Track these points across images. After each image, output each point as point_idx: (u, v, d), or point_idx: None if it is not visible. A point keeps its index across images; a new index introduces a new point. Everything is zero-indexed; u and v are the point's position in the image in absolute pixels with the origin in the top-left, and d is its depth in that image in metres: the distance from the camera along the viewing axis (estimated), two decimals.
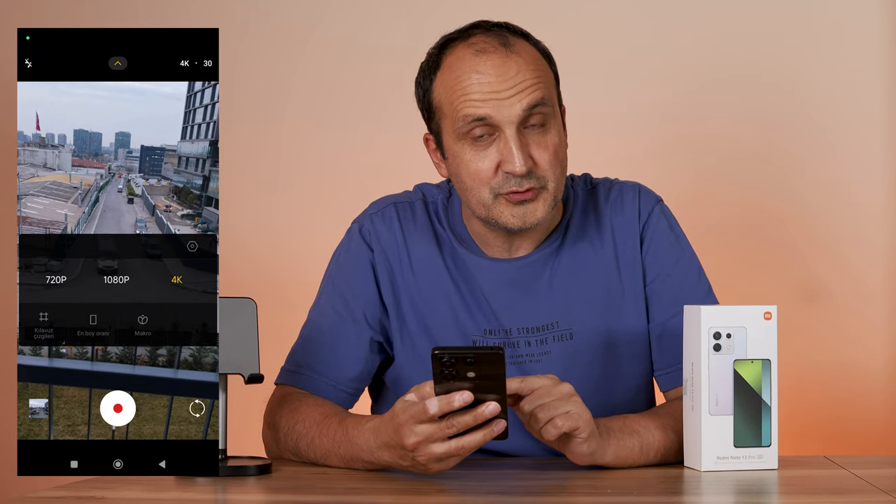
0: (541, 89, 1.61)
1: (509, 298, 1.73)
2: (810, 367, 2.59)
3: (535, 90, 1.61)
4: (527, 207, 1.64)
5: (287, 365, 1.74)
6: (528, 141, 1.62)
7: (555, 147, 1.63)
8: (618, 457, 1.54)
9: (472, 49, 1.62)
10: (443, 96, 1.65)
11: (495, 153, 1.62)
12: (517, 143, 1.60)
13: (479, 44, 1.63)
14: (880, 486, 1.42)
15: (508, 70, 1.60)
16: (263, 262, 2.65)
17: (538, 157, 1.62)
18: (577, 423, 1.49)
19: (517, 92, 1.60)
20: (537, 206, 1.64)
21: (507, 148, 1.61)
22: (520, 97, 1.60)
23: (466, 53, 1.63)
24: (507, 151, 1.61)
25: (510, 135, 1.60)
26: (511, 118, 1.60)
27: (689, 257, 1.76)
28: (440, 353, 1.38)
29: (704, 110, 2.64)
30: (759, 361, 1.52)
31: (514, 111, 1.60)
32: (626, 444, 1.55)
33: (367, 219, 1.78)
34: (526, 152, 1.61)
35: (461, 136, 1.63)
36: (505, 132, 1.61)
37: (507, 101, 1.60)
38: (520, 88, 1.60)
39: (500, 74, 1.60)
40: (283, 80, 2.70)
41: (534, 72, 1.62)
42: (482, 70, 1.61)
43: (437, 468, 1.45)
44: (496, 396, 1.40)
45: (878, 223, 2.62)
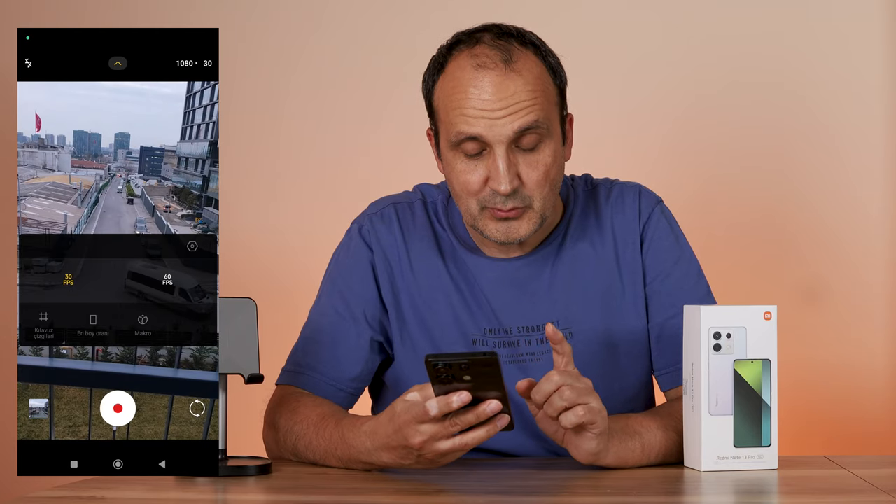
0: (535, 112, 1.61)
1: (509, 297, 1.73)
2: (810, 367, 2.59)
3: (529, 112, 1.60)
4: (510, 224, 1.64)
5: (287, 365, 1.75)
6: (518, 160, 1.62)
7: (546, 167, 1.63)
8: (619, 458, 1.54)
9: (474, 61, 1.62)
10: (441, 102, 1.66)
11: (484, 169, 1.62)
12: (505, 163, 1.60)
13: (481, 56, 1.62)
14: (880, 486, 1.42)
15: (506, 89, 1.60)
16: (263, 261, 2.65)
17: (526, 176, 1.62)
18: (594, 417, 1.48)
19: (510, 113, 1.60)
20: (521, 224, 1.64)
21: (495, 166, 1.61)
22: (512, 119, 1.60)
23: (468, 65, 1.62)
24: (495, 170, 1.61)
25: (499, 154, 1.60)
26: (502, 138, 1.60)
27: (689, 258, 1.76)
28: (434, 360, 1.37)
29: (705, 111, 2.64)
30: (759, 361, 1.52)
31: (506, 131, 1.60)
32: (627, 446, 1.55)
33: (367, 219, 1.78)
34: (514, 172, 1.61)
35: (453, 146, 1.64)
36: (495, 150, 1.61)
37: (500, 121, 1.60)
38: (514, 109, 1.60)
39: (497, 93, 1.60)
40: (283, 80, 2.70)
41: (531, 92, 1.61)
42: (479, 86, 1.60)
43: (443, 461, 1.46)
44: (496, 394, 1.40)
45: (879, 223, 2.62)
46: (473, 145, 1.62)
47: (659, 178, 2.01)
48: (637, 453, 1.56)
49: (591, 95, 2.56)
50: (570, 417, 1.47)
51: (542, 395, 1.48)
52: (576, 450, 1.52)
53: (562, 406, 1.47)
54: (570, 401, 1.46)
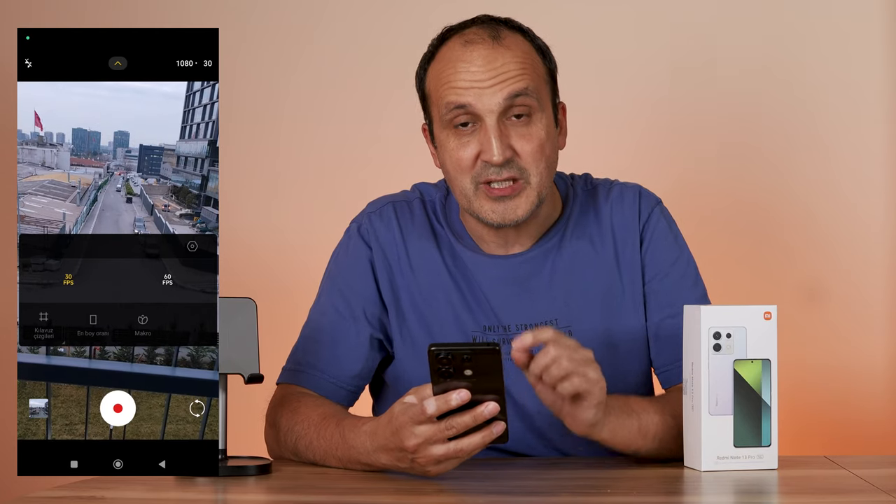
0: (524, 80, 1.62)
1: (508, 295, 1.73)
2: (810, 366, 2.59)
3: (518, 81, 1.61)
4: (507, 204, 1.64)
5: (288, 364, 1.75)
6: (510, 132, 1.63)
7: (539, 141, 1.63)
8: (615, 434, 1.54)
9: (462, 40, 1.65)
10: (432, 85, 1.68)
11: (476, 143, 1.63)
12: (496, 133, 1.61)
13: (469, 35, 1.65)
14: (880, 486, 1.42)
15: (494, 60, 1.62)
16: (264, 261, 2.65)
17: (520, 147, 1.63)
18: (592, 387, 1.48)
19: (499, 81, 1.61)
20: (519, 202, 1.64)
21: (486, 137, 1.61)
22: (501, 87, 1.61)
23: (457, 44, 1.65)
24: (486, 140, 1.61)
25: (490, 124, 1.61)
26: (492, 107, 1.61)
27: (687, 259, 1.76)
28: (436, 349, 1.38)
29: (705, 111, 2.64)
30: (759, 361, 1.52)
31: (495, 100, 1.61)
32: (624, 423, 1.55)
33: (366, 218, 1.78)
34: (506, 142, 1.62)
35: (446, 124, 1.65)
36: (485, 121, 1.62)
37: (489, 90, 1.61)
38: (502, 78, 1.61)
39: (485, 64, 1.62)
40: (283, 79, 2.70)
41: (520, 63, 1.62)
42: (468, 59, 1.63)
43: (435, 471, 1.45)
44: (495, 396, 1.40)
45: (879, 223, 2.62)
46: (464, 117, 1.62)
47: (658, 176, 2.02)
48: (633, 431, 1.56)
49: (592, 96, 2.56)
50: (567, 386, 1.46)
51: (540, 367, 1.47)
52: (573, 420, 1.51)
53: (559, 375, 1.46)
54: (567, 370, 1.46)
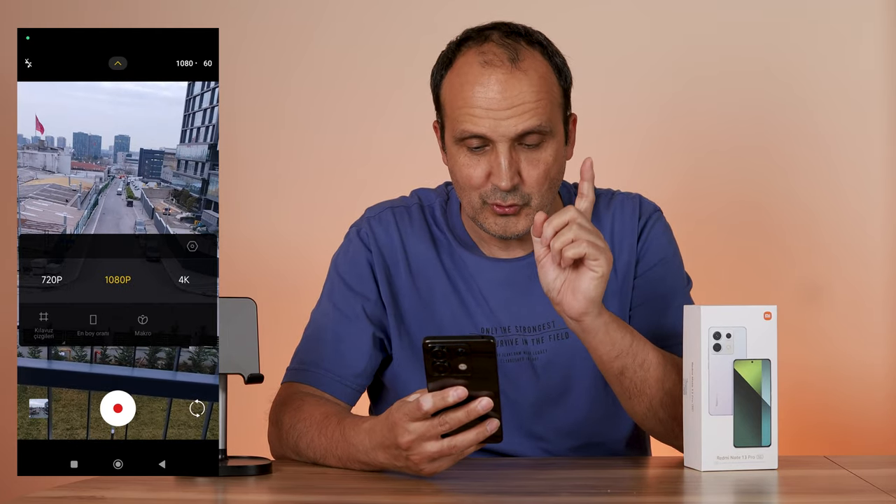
0: (539, 114, 1.63)
1: (507, 297, 1.74)
2: (810, 366, 2.59)
3: (533, 115, 1.63)
4: (508, 220, 1.68)
5: (292, 364, 1.76)
6: (520, 157, 1.65)
7: (546, 166, 1.66)
8: (608, 335, 1.56)
9: (482, 58, 1.64)
10: (447, 98, 1.68)
11: (486, 164, 1.66)
12: (507, 160, 1.63)
13: (488, 54, 1.64)
14: (880, 486, 1.43)
15: (511, 88, 1.62)
16: (264, 262, 2.65)
17: (526, 174, 1.65)
18: (599, 254, 1.51)
19: (515, 115, 1.62)
20: (519, 220, 1.68)
21: (497, 163, 1.64)
22: (516, 121, 1.62)
23: (475, 61, 1.65)
24: (497, 166, 1.64)
25: (502, 151, 1.63)
26: (505, 137, 1.63)
27: (679, 261, 1.79)
28: (431, 343, 1.39)
29: (705, 111, 2.64)
30: (759, 361, 1.52)
31: (509, 131, 1.63)
32: (619, 329, 1.57)
33: (365, 222, 1.80)
34: (514, 169, 1.64)
35: (458, 141, 1.66)
36: (497, 147, 1.64)
37: (504, 121, 1.62)
38: (519, 111, 1.62)
39: (502, 92, 1.62)
40: (283, 80, 2.70)
41: (536, 94, 1.63)
42: (485, 84, 1.63)
43: (429, 469, 1.45)
44: (489, 392, 1.40)
45: (880, 223, 2.62)
46: (477, 141, 1.65)
47: (659, 176, 2.02)
48: (626, 344, 1.58)
49: (594, 95, 2.56)
50: (576, 248, 1.50)
51: (554, 227, 1.51)
52: (573, 295, 1.53)
53: (570, 238, 1.50)
54: (578, 235, 1.50)
